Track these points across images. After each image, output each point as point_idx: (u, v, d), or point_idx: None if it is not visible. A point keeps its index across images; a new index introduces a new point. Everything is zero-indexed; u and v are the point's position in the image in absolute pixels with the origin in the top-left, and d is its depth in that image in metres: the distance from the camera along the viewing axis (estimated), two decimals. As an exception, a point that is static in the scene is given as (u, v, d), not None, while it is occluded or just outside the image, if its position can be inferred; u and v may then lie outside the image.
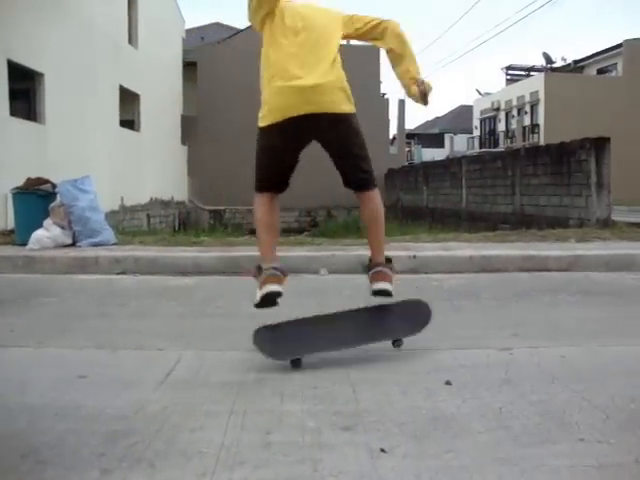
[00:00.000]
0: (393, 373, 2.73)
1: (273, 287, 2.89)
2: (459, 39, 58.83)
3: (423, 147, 46.87)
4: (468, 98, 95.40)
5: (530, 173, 12.36)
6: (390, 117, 27.19)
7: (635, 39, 34.26)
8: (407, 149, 39.27)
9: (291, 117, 2.86)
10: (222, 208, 22.77)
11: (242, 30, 24.97)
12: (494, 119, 41.94)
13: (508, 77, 43.57)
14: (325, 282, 5.31)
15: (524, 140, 35.43)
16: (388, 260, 3.16)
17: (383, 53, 3.35)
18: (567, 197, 10.92)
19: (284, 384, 2.57)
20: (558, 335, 3.37)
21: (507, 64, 43.27)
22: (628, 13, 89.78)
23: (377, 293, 3.08)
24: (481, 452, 1.92)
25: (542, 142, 30.26)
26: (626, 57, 34.41)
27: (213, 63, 23.32)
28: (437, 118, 57.16)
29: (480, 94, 45.12)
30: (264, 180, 3.11)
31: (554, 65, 40.40)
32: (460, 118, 50.28)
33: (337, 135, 3.01)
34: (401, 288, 4.82)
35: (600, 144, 10.32)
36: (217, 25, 31.62)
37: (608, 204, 10.21)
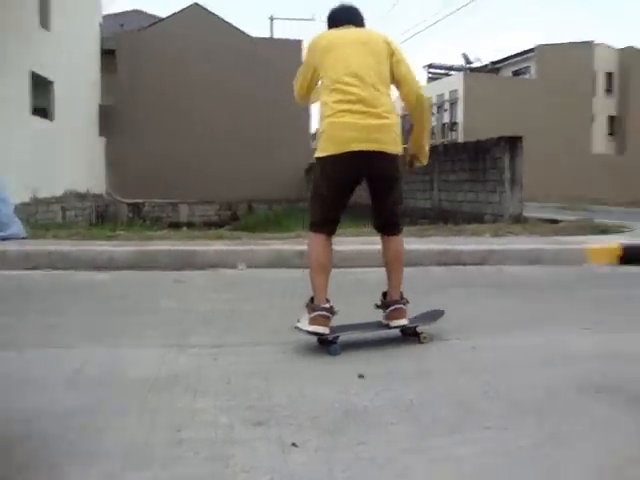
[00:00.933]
0: (308, 366, 2.73)
1: (320, 329, 2.95)
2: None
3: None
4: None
5: (448, 169, 12.67)
6: (312, 111, 27.29)
7: (547, 44, 35.75)
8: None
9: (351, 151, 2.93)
10: (141, 201, 22.27)
11: (164, 18, 24.47)
12: (415, 116, 42.73)
13: (429, 75, 44.51)
14: (243, 276, 5.26)
15: (443, 137, 36.31)
16: (401, 295, 3.20)
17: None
18: (483, 193, 11.25)
19: (197, 380, 2.53)
20: (469, 327, 3.46)
21: (428, 62, 44.22)
22: (541, 19, 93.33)
23: (396, 328, 3.15)
24: (392, 443, 1.95)
25: (461, 139, 31.11)
26: (539, 60, 35.88)
27: (133, 52, 22.74)
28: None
29: (401, 91, 45.88)
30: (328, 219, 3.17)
31: (472, 65, 41.62)
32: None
33: (390, 176, 3.09)
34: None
35: (514, 143, 10.68)
36: (137, 12, 30.75)
37: (520, 200, 10.59)
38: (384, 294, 3.24)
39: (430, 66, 44.10)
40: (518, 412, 2.21)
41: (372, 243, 6.01)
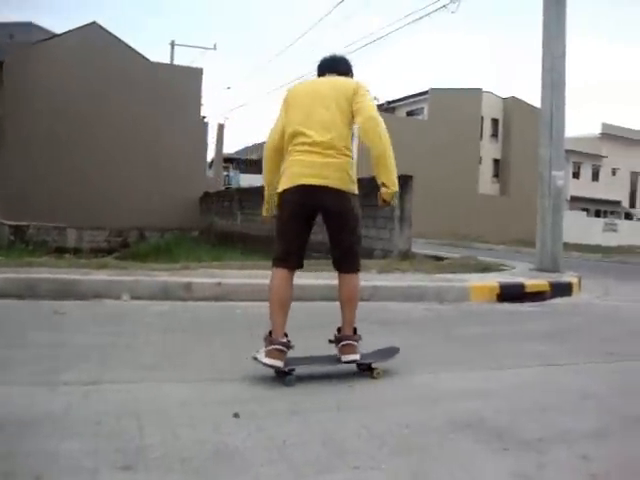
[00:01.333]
0: (183, 405, 2.68)
1: (276, 362, 3.08)
2: (288, 68, 60.27)
3: (242, 172, 47.18)
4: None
5: (340, 204, 12.92)
6: (209, 140, 27.14)
7: (439, 88, 37.53)
8: (225, 173, 39.42)
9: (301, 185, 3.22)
10: (25, 224, 21.17)
11: (60, 34, 23.62)
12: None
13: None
14: (126, 308, 5.11)
15: (339, 172, 37.02)
16: (354, 331, 3.35)
17: (206, 75, 3.37)
18: (374, 229, 11.54)
19: (65, 421, 2.42)
20: (348, 365, 3.51)
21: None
22: (435, 63, 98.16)
23: (347, 363, 3.27)
24: (261, 485, 1.95)
25: (358, 175, 31.76)
26: (431, 103, 37.57)
27: (24, 64, 21.75)
28: (256, 144, 58.01)
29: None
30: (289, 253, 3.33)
31: (369, 103, 42.85)
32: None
33: (340, 212, 3.30)
34: (205, 314, 4.84)
35: (405, 181, 11.04)
36: (29, 25, 29.45)
37: (409, 237, 10.96)
38: (339, 329, 3.36)
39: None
40: (388, 451, 2.27)
41: (256, 277, 6.03)
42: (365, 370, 3.30)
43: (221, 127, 29.04)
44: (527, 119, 31.72)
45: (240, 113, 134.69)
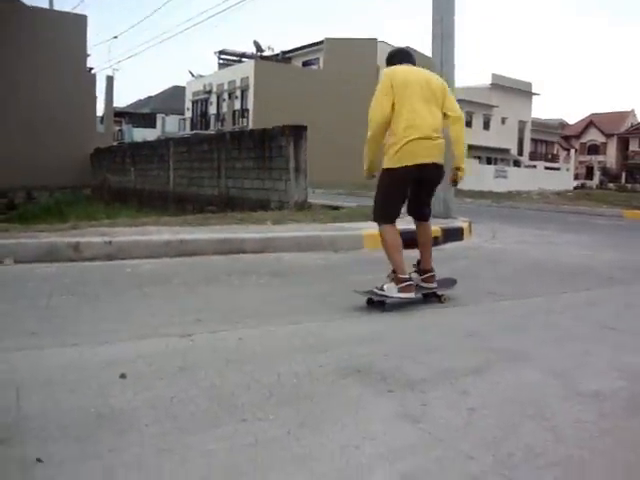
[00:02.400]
0: (65, 371, 2.57)
1: (410, 295, 3.95)
2: (175, 17, 57.67)
3: (135, 127, 45.54)
4: (181, 79, 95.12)
5: (235, 157, 12.74)
6: (98, 94, 25.87)
7: (335, 38, 37.35)
8: (117, 128, 37.92)
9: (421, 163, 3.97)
10: None
11: None
12: (206, 102, 42.43)
13: (221, 61, 44.33)
14: (8, 273, 4.84)
15: (234, 124, 36.48)
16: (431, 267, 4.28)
17: (97, 26, 3.20)
18: (269, 181, 11.48)
19: None
20: (239, 318, 3.50)
21: (220, 48, 43.95)
22: (331, 13, 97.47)
23: (429, 289, 4.21)
24: (146, 446, 1.91)
25: (251, 126, 31.45)
26: (326, 53, 37.40)
27: None
28: (149, 97, 55.98)
29: (193, 76, 45.26)
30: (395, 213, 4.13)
31: (264, 54, 42.18)
32: (173, 99, 49.82)
33: (433, 179, 4.20)
34: (89, 276, 4.67)
35: (298, 132, 11.01)
36: None
37: (305, 188, 10.97)
38: (418, 262, 4.30)
39: (222, 52, 43.93)
40: (276, 401, 2.28)
41: (149, 233, 5.88)
42: (433, 297, 4.18)
43: (110, 79, 27.73)
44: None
45: (131, 65, 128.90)
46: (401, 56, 4.29)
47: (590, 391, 2.50)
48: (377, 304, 3.87)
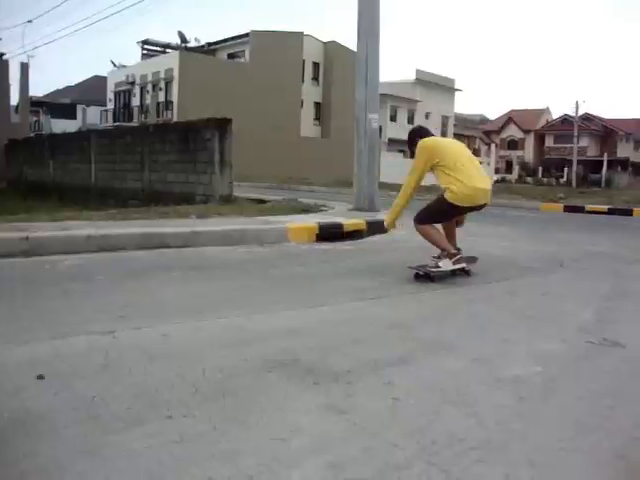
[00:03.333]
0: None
1: (463, 264, 4.87)
2: (96, 4, 55.67)
3: (54, 117, 43.87)
4: (102, 69, 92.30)
5: (159, 150, 12.50)
6: (11, 81, 24.78)
7: (261, 30, 37.13)
8: (35, 118, 36.50)
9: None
10: None
11: None
12: (129, 93, 41.42)
13: (144, 52, 43.35)
14: None
15: (158, 116, 35.78)
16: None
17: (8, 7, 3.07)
18: (194, 174, 11.33)
19: None
20: (163, 313, 3.44)
21: (144, 38, 42.88)
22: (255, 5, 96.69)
23: (459, 270, 4.90)
24: (66, 448, 1.85)
25: (176, 119, 30.92)
26: (252, 45, 37.15)
27: None
28: (68, 87, 54.09)
29: (115, 66, 44.07)
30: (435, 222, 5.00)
31: (189, 45, 41.51)
32: (94, 89, 48.30)
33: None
34: (4, 274, 4.47)
35: (223, 125, 10.91)
36: None
37: (230, 181, 10.90)
38: (439, 256, 4.92)
39: (145, 42, 42.95)
40: (201, 397, 2.25)
41: (69, 228, 5.69)
42: (462, 272, 4.93)
43: (25, 66, 26.55)
44: (347, 64, 32.48)
45: (48, 52, 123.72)
46: (424, 131, 5.22)
47: (509, 377, 2.60)
48: (424, 277, 4.69)
